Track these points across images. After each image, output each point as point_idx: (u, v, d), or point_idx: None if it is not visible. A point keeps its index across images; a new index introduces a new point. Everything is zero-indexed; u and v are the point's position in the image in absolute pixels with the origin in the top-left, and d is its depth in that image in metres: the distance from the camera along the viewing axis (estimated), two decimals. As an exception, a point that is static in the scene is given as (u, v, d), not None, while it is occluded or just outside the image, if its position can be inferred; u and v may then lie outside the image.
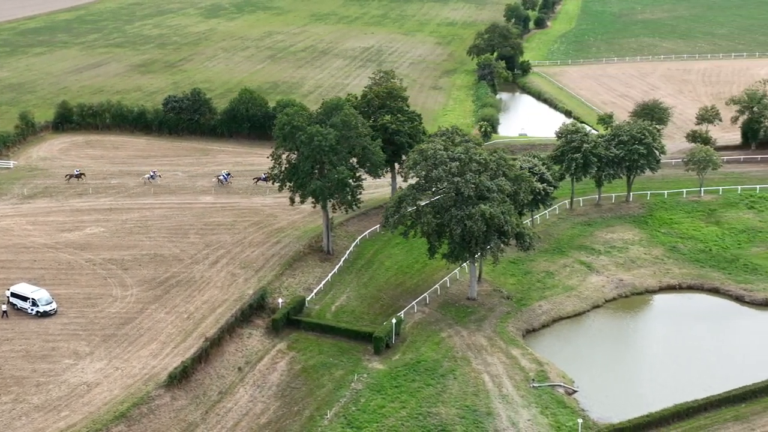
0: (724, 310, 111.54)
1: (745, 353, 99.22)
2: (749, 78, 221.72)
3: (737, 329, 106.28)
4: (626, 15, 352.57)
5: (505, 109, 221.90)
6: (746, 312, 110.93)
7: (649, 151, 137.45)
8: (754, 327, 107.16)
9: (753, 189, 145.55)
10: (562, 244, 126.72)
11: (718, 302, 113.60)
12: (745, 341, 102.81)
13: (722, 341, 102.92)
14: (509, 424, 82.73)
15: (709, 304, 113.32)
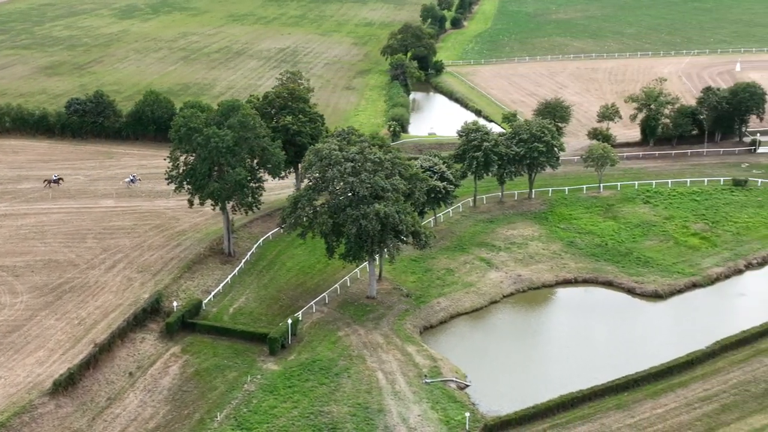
0: (616, 302, 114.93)
1: (632, 344, 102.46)
2: (653, 76, 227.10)
3: (627, 321, 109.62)
4: (541, 15, 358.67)
5: (417, 108, 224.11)
6: (637, 304, 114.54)
7: (548, 148, 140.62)
8: (643, 318, 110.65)
9: (649, 184, 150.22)
10: (463, 241, 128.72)
11: (611, 295, 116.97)
12: (634, 332, 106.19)
13: (612, 333, 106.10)
14: (399, 420, 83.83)
15: (603, 296, 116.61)
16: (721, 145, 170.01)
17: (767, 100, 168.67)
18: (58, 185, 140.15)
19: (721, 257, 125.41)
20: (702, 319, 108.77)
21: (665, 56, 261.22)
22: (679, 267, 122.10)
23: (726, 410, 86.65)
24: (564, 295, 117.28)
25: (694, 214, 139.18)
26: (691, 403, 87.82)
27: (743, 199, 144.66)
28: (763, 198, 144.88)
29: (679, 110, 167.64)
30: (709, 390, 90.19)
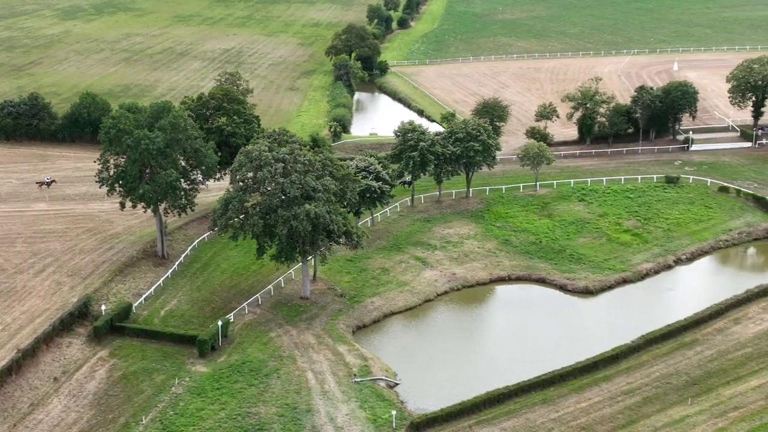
0: (548, 298, 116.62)
1: (562, 339, 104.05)
2: (594, 75, 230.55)
3: (558, 317, 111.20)
4: (487, 15, 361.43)
5: (361, 109, 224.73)
6: (568, 300, 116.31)
7: (484, 147, 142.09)
8: (574, 314, 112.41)
9: (585, 182, 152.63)
10: (399, 240, 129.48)
11: (544, 291, 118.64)
12: (564, 328, 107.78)
13: (543, 329, 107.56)
14: (327, 420, 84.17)
15: (535, 293, 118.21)
16: (656, 143, 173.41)
17: (699, 99, 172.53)
18: (48, 188, 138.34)
19: (651, 253, 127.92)
20: (630, 314, 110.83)
21: (606, 56, 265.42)
22: (611, 263, 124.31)
23: (647, 403, 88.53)
24: (497, 292, 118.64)
25: (627, 211, 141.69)
26: (615, 397, 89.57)
27: (675, 196, 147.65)
28: (694, 195, 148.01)
29: (615, 109, 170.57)
30: (633, 383, 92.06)
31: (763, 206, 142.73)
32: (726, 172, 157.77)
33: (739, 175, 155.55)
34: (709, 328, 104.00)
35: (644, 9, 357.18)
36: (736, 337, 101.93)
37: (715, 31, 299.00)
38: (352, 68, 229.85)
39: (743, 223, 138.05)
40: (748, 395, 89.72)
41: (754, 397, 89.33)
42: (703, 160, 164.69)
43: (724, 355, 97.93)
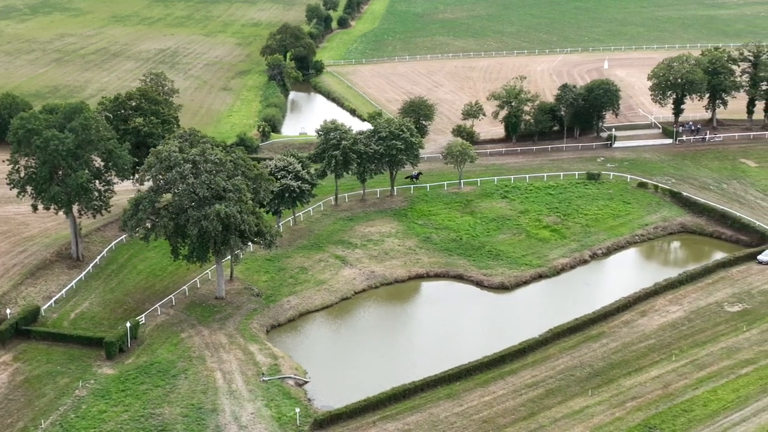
0: (464, 295, 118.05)
1: (474, 334, 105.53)
2: (527, 74, 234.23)
3: (472, 312, 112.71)
4: (428, 15, 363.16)
5: (296, 108, 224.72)
6: (483, 295, 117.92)
7: (407, 146, 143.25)
8: (488, 309, 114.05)
9: (508, 179, 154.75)
10: (321, 239, 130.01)
11: (461, 288, 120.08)
12: (478, 323, 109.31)
13: (456, 324, 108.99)
14: (232, 419, 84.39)
15: (452, 290, 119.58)
16: (580, 141, 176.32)
17: (626, 97, 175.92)
18: None
19: (568, 248, 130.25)
20: (543, 308, 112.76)
21: (540, 54, 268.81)
22: (528, 259, 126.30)
23: (550, 395, 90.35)
24: (415, 289, 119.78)
25: (547, 207, 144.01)
26: (519, 390, 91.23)
27: (595, 192, 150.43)
28: (613, 191, 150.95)
29: (540, 107, 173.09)
30: (537, 376, 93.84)
31: (679, 201, 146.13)
32: (646, 168, 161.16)
33: (658, 171, 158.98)
34: (616, 321, 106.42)
35: (582, 8, 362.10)
36: (641, 329, 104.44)
37: (648, 30, 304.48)
38: (285, 68, 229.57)
39: (659, 218, 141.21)
40: (647, 385, 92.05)
41: (652, 387, 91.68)
42: (625, 156, 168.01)
43: (628, 346, 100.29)
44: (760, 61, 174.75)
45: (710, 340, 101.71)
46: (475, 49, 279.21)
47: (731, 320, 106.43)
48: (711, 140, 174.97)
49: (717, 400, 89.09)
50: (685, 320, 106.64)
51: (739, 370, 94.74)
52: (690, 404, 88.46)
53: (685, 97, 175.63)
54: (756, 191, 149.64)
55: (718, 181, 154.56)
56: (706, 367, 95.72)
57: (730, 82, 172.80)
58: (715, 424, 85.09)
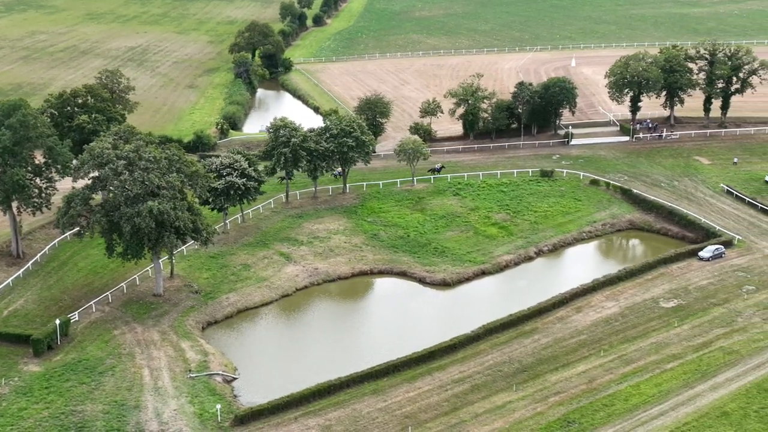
0: (406, 291, 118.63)
1: (410, 330, 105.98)
2: (495, 71, 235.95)
3: (410, 309, 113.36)
4: (405, 13, 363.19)
5: (262, 106, 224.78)
6: (425, 292, 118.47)
7: (358, 143, 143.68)
8: (428, 306, 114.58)
9: (462, 177, 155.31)
10: (267, 236, 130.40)
11: (403, 284, 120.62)
12: (416, 320, 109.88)
13: (394, 321, 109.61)
14: (154, 416, 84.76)
15: (394, 286, 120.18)
16: (538, 138, 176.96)
17: (589, 95, 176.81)
18: None
19: (514, 245, 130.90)
20: (481, 304, 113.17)
21: (510, 52, 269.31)
22: (472, 256, 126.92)
23: (475, 390, 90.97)
24: (357, 286, 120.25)
25: (498, 204, 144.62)
26: (445, 385, 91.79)
27: (547, 189, 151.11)
28: (565, 188, 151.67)
29: (497, 105, 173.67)
30: (465, 372, 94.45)
31: (629, 198, 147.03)
32: (600, 165, 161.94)
33: (612, 168, 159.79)
34: (551, 317, 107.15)
35: (558, 6, 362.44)
36: (574, 325, 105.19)
37: (620, 28, 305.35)
38: (251, 66, 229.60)
39: (608, 215, 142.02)
40: (572, 380, 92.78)
41: (577, 382, 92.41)
42: (581, 153, 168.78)
43: (559, 342, 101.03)
44: (716, 59, 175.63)
45: (641, 335, 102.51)
46: (446, 47, 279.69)
47: (664, 316, 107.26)
48: (667, 138, 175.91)
49: (639, 395, 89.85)
50: (619, 316, 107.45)
51: (665, 365, 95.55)
52: (612, 399, 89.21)
53: (642, 95, 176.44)
54: (706, 188, 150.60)
55: (670, 178, 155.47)
56: (632, 362, 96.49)
57: (685, 80, 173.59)
58: (633, 418, 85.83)
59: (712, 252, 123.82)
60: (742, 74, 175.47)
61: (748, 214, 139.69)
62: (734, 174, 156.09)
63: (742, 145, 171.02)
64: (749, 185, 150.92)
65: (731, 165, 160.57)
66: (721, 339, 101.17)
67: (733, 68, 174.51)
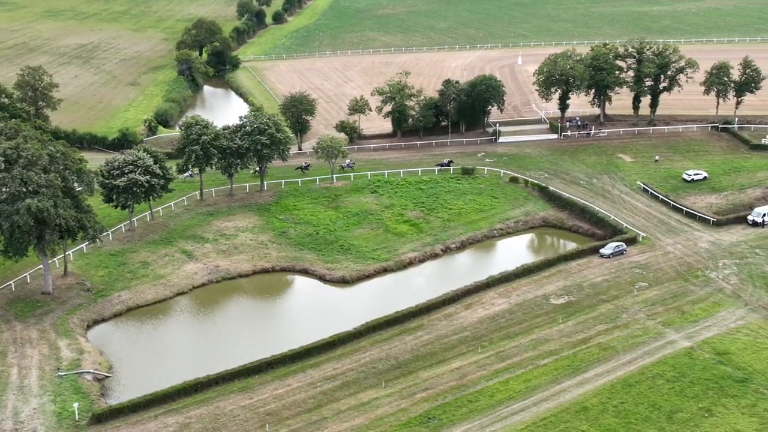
0: (303, 289, 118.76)
1: (297, 327, 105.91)
2: (441, 69, 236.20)
3: (303, 306, 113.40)
4: (368, 10, 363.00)
5: (206, 104, 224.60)
6: (322, 289, 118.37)
7: (273, 141, 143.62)
8: (319, 303, 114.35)
9: (382, 174, 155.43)
10: (173, 234, 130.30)
11: (303, 282, 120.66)
12: (304, 317, 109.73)
13: (283, 318, 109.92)
14: (11, 415, 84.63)
15: (293, 284, 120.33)
16: (466, 136, 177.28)
17: (506, 92, 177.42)
18: None
19: (421, 243, 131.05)
20: (376, 301, 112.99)
21: (461, 50, 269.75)
22: (377, 253, 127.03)
23: (345, 387, 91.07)
24: (256, 284, 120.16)
25: (414, 202, 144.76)
26: (315, 383, 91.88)
27: (467, 186, 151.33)
28: (485, 185, 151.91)
29: (426, 103, 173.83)
30: (339, 369, 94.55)
31: (546, 196, 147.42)
32: (524, 163, 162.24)
33: (534, 166, 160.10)
34: (439, 314, 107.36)
35: (520, 4, 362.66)
36: (460, 322, 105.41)
37: (575, 26, 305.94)
38: (194, 63, 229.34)
39: (522, 212, 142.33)
40: (444, 377, 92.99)
41: (448, 379, 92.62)
42: (507, 151, 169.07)
43: (441, 339, 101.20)
44: (643, 57, 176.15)
45: (523, 332, 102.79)
46: (399, 45, 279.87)
47: (552, 312, 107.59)
48: (595, 135, 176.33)
49: (506, 391, 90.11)
50: (507, 313, 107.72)
51: (539, 361, 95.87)
52: (478, 395, 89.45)
53: (570, 93, 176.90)
54: (623, 186, 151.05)
55: (590, 175, 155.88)
56: (508, 358, 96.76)
57: (612, 78, 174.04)
58: (494, 413, 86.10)
59: (613, 249, 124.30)
60: (669, 72, 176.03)
61: (660, 211, 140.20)
62: (654, 172, 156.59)
63: (668, 143, 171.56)
64: (667, 183, 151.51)
65: (653, 163, 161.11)
66: (602, 335, 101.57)
67: (661, 66, 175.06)
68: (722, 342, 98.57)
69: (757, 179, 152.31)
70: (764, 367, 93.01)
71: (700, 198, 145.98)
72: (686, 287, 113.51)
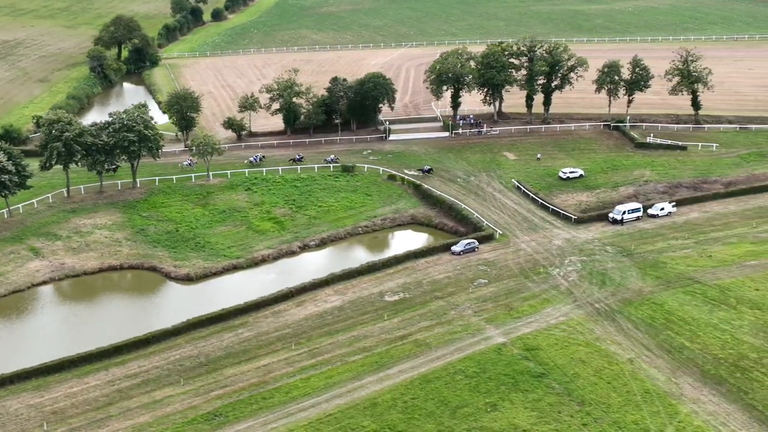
0: (145, 286, 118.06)
1: (117, 325, 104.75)
2: (359, 67, 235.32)
3: (137, 304, 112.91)
4: (313, 8, 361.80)
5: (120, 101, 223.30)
6: (166, 287, 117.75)
7: (141, 138, 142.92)
8: (155, 299, 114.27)
9: (260, 172, 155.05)
10: (26, 231, 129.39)
11: (148, 279, 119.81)
12: (131, 315, 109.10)
13: (113, 315, 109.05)
14: None
15: (136, 281, 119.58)
16: (357, 134, 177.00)
17: (396, 90, 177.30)
18: None
19: (280, 240, 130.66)
20: (212, 298, 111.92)
21: (386, 48, 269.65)
22: (231, 251, 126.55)
23: (143, 385, 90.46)
24: (99, 282, 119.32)
25: (285, 199, 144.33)
26: (114, 380, 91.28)
27: (343, 184, 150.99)
28: (361, 183, 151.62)
29: (316, 101, 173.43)
30: (144, 367, 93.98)
31: (419, 193, 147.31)
32: (407, 160, 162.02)
33: (417, 164, 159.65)
34: (267, 311, 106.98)
35: (463, 2, 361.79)
36: (286, 319, 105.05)
37: (508, 24, 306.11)
38: (106, 60, 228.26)
39: (392, 210, 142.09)
40: (248, 374, 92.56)
41: (251, 375, 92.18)
42: (393, 149, 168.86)
43: (260, 336, 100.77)
44: (535, 56, 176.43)
45: (345, 329, 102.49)
46: (328, 42, 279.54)
47: (382, 309, 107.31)
48: (487, 133, 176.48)
49: (304, 387, 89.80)
50: (337, 310, 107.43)
51: (349, 358, 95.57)
52: (275, 392, 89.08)
53: (461, 92, 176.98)
54: (498, 183, 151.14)
55: (469, 173, 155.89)
56: (320, 355, 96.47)
57: (502, 76, 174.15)
58: (283, 410, 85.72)
59: (464, 246, 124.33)
60: (561, 71, 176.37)
61: (527, 209, 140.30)
62: (534, 170, 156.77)
63: (556, 141, 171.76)
64: (543, 181, 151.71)
65: (535, 161, 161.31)
66: (422, 332, 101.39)
67: (552, 65, 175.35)
68: (535, 338, 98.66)
69: (632, 177, 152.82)
70: (566, 362, 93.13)
71: (572, 196, 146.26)
72: (524, 284, 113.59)
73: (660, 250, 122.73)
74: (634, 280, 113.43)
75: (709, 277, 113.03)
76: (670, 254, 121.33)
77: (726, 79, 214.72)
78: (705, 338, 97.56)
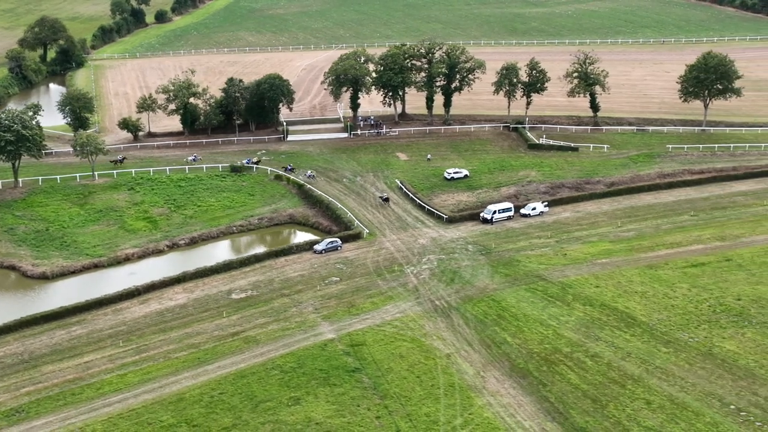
0: (0, 283, 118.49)
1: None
2: (283, 69, 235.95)
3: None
4: (262, 10, 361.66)
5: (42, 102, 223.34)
6: (18, 284, 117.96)
7: (19, 138, 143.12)
8: (8, 297, 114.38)
9: (147, 171, 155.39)
10: None
11: (4, 276, 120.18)
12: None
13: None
14: None
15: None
16: (256, 134, 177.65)
17: (294, 91, 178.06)
18: None
19: (148, 239, 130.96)
20: (63, 296, 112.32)
21: (316, 50, 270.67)
22: (96, 249, 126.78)
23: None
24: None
25: (165, 199, 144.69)
26: None
27: (229, 184, 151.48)
28: (248, 183, 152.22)
29: (215, 102, 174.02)
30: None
31: (302, 193, 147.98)
32: (300, 161, 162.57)
33: (309, 164, 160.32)
34: (109, 309, 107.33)
35: (411, 5, 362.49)
36: (125, 316, 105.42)
37: (445, 27, 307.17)
38: (24, 61, 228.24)
39: (271, 209, 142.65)
40: (67, 370, 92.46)
41: (69, 372, 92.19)
42: (289, 149, 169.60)
43: (92, 333, 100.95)
44: (433, 58, 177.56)
45: (181, 326, 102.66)
46: (263, 44, 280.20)
47: (225, 307, 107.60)
48: (386, 134, 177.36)
49: (118, 383, 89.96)
50: (179, 308, 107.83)
51: (174, 354, 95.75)
52: (86, 388, 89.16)
53: (360, 93, 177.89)
54: (382, 183, 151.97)
55: (356, 173, 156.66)
56: (145, 351, 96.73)
57: (400, 78, 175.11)
58: (88, 405, 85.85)
59: (326, 245, 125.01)
60: (459, 73, 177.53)
61: (404, 209, 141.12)
62: (422, 170, 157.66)
63: (453, 142, 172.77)
64: (428, 181, 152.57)
65: (425, 161, 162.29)
66: (257, 328, 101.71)
67: (450, 67, 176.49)
68: (364, 334, 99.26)
69: (517, 177, 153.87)
70: (384, 357, 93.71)
71: (452, 196, 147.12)
72: (374, 282, 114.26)
73: (519, 249, 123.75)
74: (483, 278, 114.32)
75: (555, 275, 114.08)
76: (527, 253, 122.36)
77: (639, 82, 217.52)
78: (528, 333, 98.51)
